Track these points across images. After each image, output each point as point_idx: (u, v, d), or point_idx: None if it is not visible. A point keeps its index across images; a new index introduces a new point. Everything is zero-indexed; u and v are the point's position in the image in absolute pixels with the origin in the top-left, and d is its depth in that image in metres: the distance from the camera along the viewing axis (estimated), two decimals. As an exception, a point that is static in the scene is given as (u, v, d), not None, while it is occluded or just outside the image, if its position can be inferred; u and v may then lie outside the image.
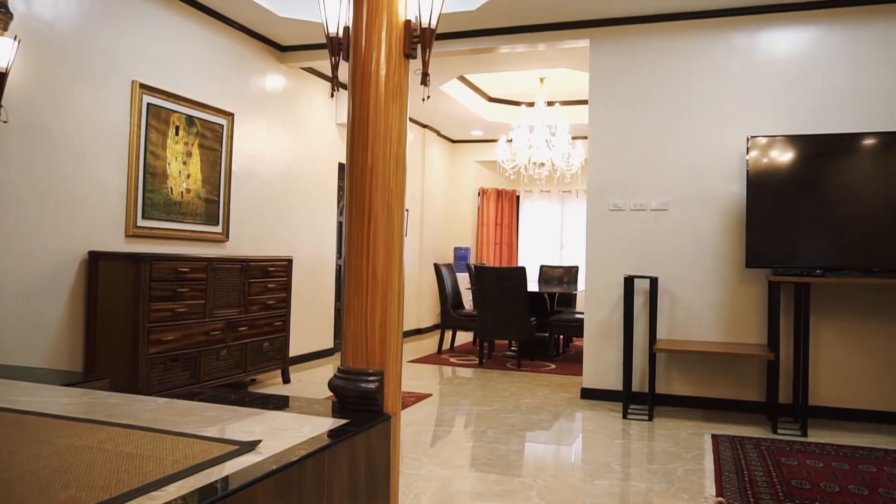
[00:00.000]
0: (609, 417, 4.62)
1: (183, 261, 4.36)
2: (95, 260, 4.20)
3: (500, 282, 6.55)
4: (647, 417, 4.57)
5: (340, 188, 7.40)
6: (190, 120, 5.01)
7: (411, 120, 8.81)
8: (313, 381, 5.63)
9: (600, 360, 5.18)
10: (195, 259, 4.46)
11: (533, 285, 8.29)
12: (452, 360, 7.01)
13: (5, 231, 3.73)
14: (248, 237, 5.71)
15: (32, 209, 3.87)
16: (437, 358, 7.10)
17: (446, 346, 7.98)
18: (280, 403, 2.28)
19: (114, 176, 4.40)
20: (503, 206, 10.38)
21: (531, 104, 7.74)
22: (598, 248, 5.25)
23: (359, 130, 2.50)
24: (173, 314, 4.28)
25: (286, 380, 5.52)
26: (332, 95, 2.76)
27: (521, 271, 6.51)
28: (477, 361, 6.79)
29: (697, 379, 4.94)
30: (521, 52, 5.80)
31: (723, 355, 4.75)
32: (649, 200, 5.11)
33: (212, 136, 5.24)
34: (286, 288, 5.45)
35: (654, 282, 4.83)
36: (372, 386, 2.49)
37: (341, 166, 7.28)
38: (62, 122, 4.04)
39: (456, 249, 9.98)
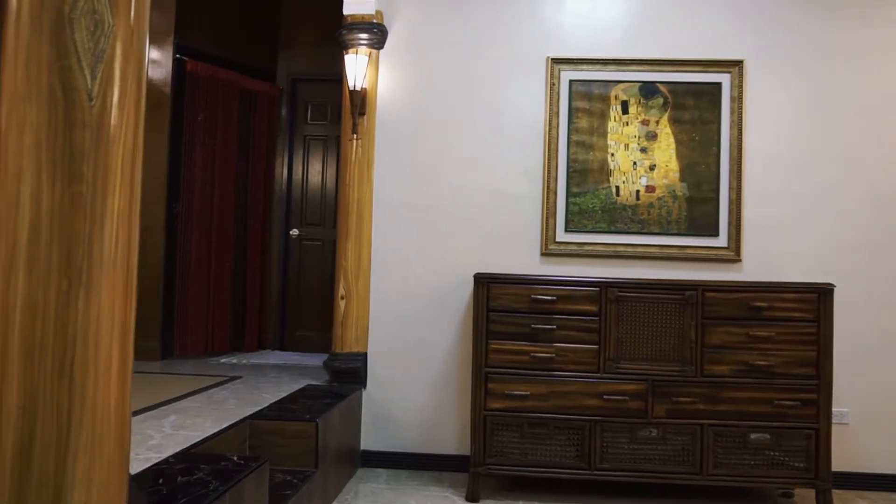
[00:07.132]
0: None
1: (540, 284, 3.04)
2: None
3: None
4: None
5: None
6: (648, 88, 3.50)
7: None
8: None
9: None
10: (569, 283, 3.04)
11: None
12: None
13: (384, 251, 3.58)
14: (790, 255, 3.44)
15: (409, 227, 3.57)
16: None
17: None
18: None
19: (521, 181, 3.54)
20: None
21: None
22: None
23: None
24: (529, 359, 3.04)
25: (830, 514, 2.96)
26: None
27: None
28: None
29: None
30: None
31: None
32: None
33: (696, 105, 3.48)
34: (815, 340, 2.97)
35: None
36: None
37: None
38: (431, 129, 3.58)
39: None
